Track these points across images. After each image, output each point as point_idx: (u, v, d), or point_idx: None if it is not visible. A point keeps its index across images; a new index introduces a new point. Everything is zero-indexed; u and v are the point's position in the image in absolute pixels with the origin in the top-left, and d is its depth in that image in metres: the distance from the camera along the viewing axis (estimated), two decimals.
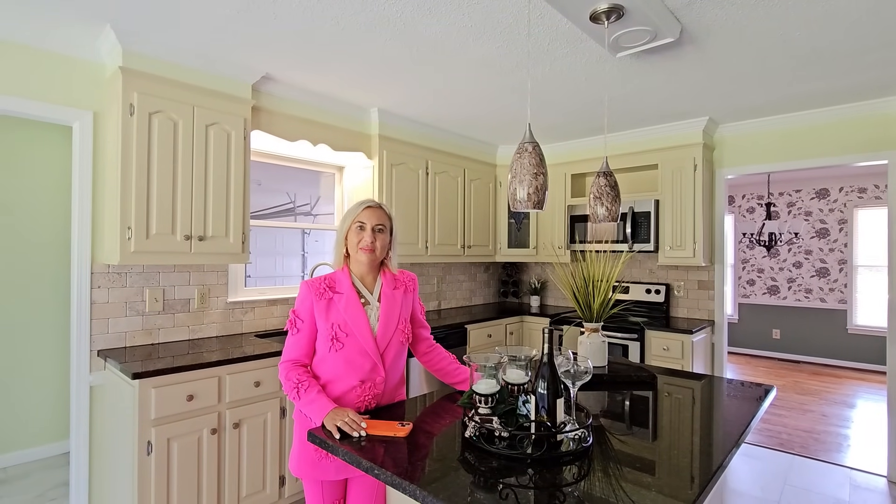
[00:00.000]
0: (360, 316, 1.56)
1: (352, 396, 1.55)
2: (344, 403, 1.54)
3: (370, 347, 1.55)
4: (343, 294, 1.57)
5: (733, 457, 1.26)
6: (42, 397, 3.29)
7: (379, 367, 1.57)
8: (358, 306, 1.57)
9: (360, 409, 1.55)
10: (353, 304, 1.57)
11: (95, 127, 2.41)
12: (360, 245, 1.59)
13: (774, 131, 3.49)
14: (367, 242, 1.58)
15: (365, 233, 1.59)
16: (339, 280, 1.60)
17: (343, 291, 1.58)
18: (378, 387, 1.58)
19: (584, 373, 1.35)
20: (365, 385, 1.56)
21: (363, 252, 1.59)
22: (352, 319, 1.55)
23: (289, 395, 1.53)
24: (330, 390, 1.55)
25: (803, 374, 5.78)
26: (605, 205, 1.92)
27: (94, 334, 2.39)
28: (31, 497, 2.75)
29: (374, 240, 1.59)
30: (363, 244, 1.58)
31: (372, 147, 3.41)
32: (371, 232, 1.59)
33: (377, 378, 1.58)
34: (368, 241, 1.58)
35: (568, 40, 2.24)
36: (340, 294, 1.57)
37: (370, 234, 1.59)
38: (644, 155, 3.80)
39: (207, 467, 2.18)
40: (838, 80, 2.74)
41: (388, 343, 1.60)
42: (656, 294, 3.94)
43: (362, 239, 1.59)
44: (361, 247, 1.58)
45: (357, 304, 1.57)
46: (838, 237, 6.18)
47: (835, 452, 3.48)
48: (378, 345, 1.57)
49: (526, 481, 1.08)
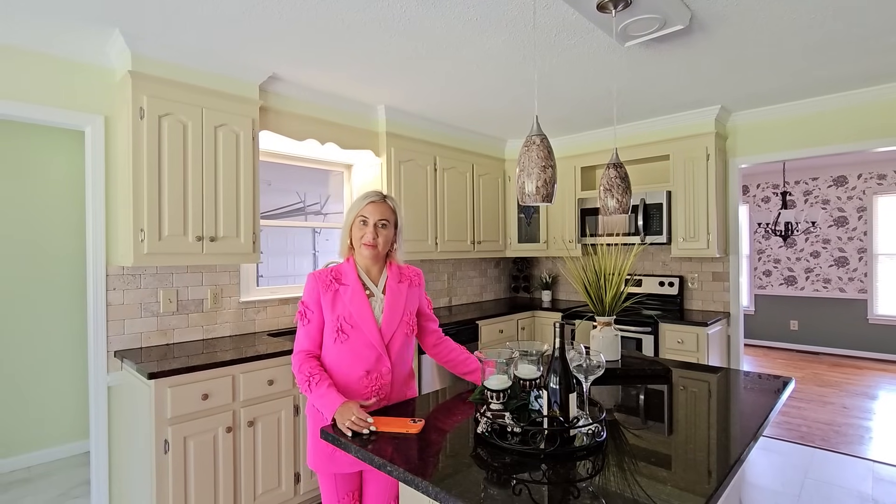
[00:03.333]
0: (364, 308, 1.57)
1: (358, 387, 1.56)
2: (350, 393, 1.56)
3: (375, 339, 1.56)
4: (349, 286, 1.58)
5: (751, 450, 1.24)
6: (62, 398, 3.35)
7: (384, 357, 1.58)
8: (363, 298, 1.58)
9: (368, 399, 1.56)
10: (359, 296, 1.58)
11: (107, 131, 2.44)
12: (362, 241, 1.59)
13: (789, 118, 3.41)
14: (369, 238, 1.58)
15: (367, 228, 1.59)
16: (345, 272, 1.62)
17: (348, 283, 1.59)
18: (384, 377, 1.59)
19: (597, 367, 1.34)
20: (371, 375, 1.57)
21: (365, 247, 1.59)
22: (357, 311, 1.56)
23: (301, 388, 1.54)
24: (336, 380, 1.56)
25: (823, 366, 5.67)
26: (615, 196, 1.89)
27: (111, 335, 2.42)
28: (54, 495, 2.81)
29: (376, 236, 1.59)
30: (365, 240, 1.59)
31: (380, 144, 3.40)
32: (373, 228, 1.59)
33: (383, 369, 1.59)
34: (370, 238, 1.58)
35: (575, 31, 2.21)
36: (346, 286, 1.59)
37: (372, 230, 1.59)
38: (655, 146, 3.74)
39: (223, 465, 2.21)
40: (854, 64, 2.67)
41: (393, 334, 1.60)
42: (670, 286, 3.89)
43: (364, 235, 1.59)
44: (364, 242, 1.59)
45: (362, 296, 1.58)
46: (857, 225, 6.04)
47: (857, 445, 3.41)
48: (383, 336, 1.58)
49: (539, 477, 1.07)
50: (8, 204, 3.17)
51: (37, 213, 3.27)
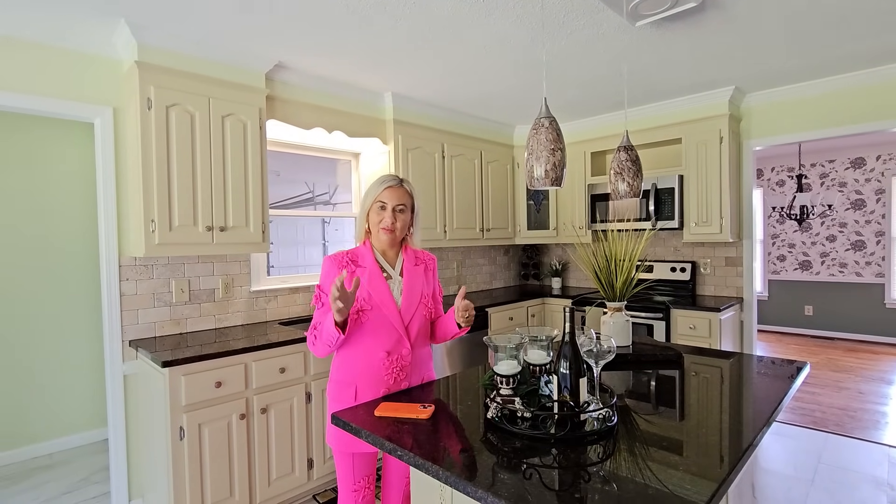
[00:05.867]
0: (383, 289, 1.58)
1: (379, 368, 1.57)
2: (372, 375, 1.57)
3: (395, 320, 1.57)
4: (366, 268, 1.59)
5: (764, 435, 1.22)
6: (80, 387, 3.43)
7: (404, 339, 1.59)
8: (381, 280, 1.59)
9: (388, 381, 1.57)
10: (377, 278, 1.58)
11: (116, 122, 2.44)
12: (381, 225, 1.60)
13: (805, 98, 3.32)
14: (388, 223, 1.59)
15: (386, 213, 1.60)
16: (362, 254, 1.62)
17: (366, 265, 1.59)
18: (405, 359, 1.60)
19: (607, 352, 1.33)
20: (392, 357, 1.58)
21: (384, 232, 1.60)
22: (376, 292, 1.56)
23: (314, 347, 1.53)
24: (358, 362, 1.57)
25: (838, 351, 5.60)
26: (626, 180, 1.86)
27: (125, 325, 2.46)
28: (75, 480, 2.89)
29: (394, 220, 1.60)
30: (384, 224, 1.60)
31: (387, 132, 3.38)
32: (392, 212, 1.60)
33: (403, 350, 1.60)
34: (389, 222, 1.59)
35: (584, 11, 2.16)
36: (363, 268, 1.59)
37: (391, 214, 1.60)
38: (667, 129, 3.67)
39: (238, 451, 2.24)
40: (872, 41, 2.58)
41: (413, 316, 1.62)
42: (682, 272, 3.85)
43: (383, 219, 1.60)
44: (382, 227, 1.60)
45: (380, 278, 1.59)
46: (875, 208, 5.91)
47: (872, 430, 3.37)
48: (403, 317, 1.59)
49: (550, 461, 1.07)
50: (21, 196, 3.21)
51: (49, 206, 3.31)
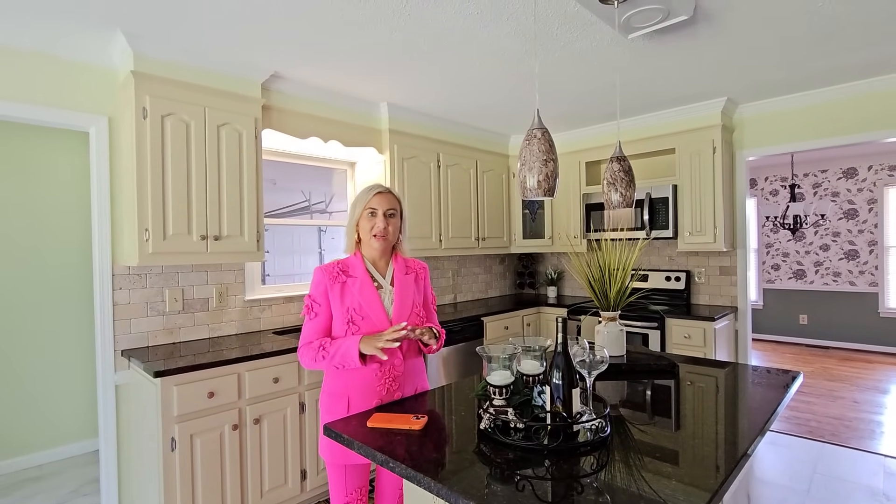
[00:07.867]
0: (374, 299, 1.58)
1: (372, 379, 1.56)
2: (364, 386, 1.56)
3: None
4: (357, 278, 1.59)
5: (759, 445, 1.22)
6: (71, 397, 3.39)
7: (396, 349, 1.58)
8: (372, 289, 1.59)
9: (381, 392, 1.57)
10: (368, 288, 1.58)
11: (111, 131, 2.44)
12: (373, 231, 1.60)
13: (797, 109, 3.36)
14: (379, 228, 1.59)
15: (377, 219, 1.60)
16: (353, 265, 1.62)
17: (356, 275, 1.60)
18: (397, 369, 1.60)
19: (600, 362, 1.32)
20: (384, 367, 1.57)
21: (376, 238, 1.60)
22: (367, 302, 1.56)
23: (316, 363, 1.54)
24: (350, 373, 1.56)
25: (832, 360, 5.61)
26: (619, 190, 1.87)
27: (118, 335, 2.44)
28: (65, 493, 2.84)
29: (386, 225, 1.60)
30: (376, 230, 1.60)
31: (382, 141, 3.40)
32: (383, 217, 1.60)
33: (395, 361, 1.59)
34: (381, 227, 1.60)
35: (577, 24, 2.19)
36: (354, 278, 1.59)
37: (382, 219, 1.60)
38: (660, 139, 3.71)
39: (230, 462, 2.22)
40: (864, 53, 2.62)
41: None
42: (676, 281, 3.86)
43: (375, 225, 1.60)
44: (374, 233, 1.60)
45: (371, 288, 1.59)
46: (868, 217, 5.96)
47: (867, 440, 3.37)
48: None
49: (543, 472, 1.06)
50: (14, 205, 3.19)
51: (43, 214, 3.29)
